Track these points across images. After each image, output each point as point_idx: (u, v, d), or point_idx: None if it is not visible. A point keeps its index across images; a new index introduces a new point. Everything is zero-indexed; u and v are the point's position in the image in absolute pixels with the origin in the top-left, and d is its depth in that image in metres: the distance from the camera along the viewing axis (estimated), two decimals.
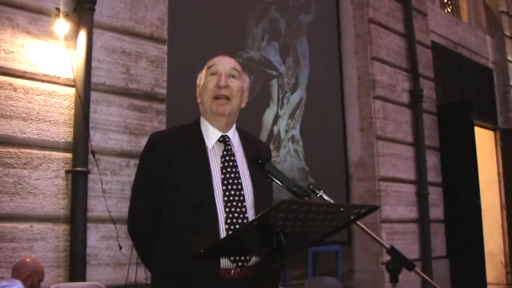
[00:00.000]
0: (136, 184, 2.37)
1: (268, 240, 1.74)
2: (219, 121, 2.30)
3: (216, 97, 2.27)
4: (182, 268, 2.09)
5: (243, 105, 2.40)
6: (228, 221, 2.14)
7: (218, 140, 2.29)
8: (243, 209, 2.18)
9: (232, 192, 2.19)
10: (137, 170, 2.41)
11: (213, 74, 2.31)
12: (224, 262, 2.12)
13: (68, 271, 4.08)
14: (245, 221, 2.16)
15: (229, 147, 2.29)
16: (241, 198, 2.19)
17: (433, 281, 2.37)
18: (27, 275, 3.45)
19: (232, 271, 2.11)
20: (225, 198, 2.17)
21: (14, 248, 3.87)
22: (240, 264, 2.12)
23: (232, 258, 2.11)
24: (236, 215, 2.15)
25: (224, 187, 2.19)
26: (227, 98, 2.27)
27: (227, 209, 2.16)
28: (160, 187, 2.23)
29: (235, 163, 2.26)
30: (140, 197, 2.34)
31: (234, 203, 2.17)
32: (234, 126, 2.38)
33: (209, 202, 2.16)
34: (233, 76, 2.32)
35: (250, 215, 2.18)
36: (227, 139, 2.30)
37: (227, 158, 2.26)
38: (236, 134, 2.37)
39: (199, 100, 2.38)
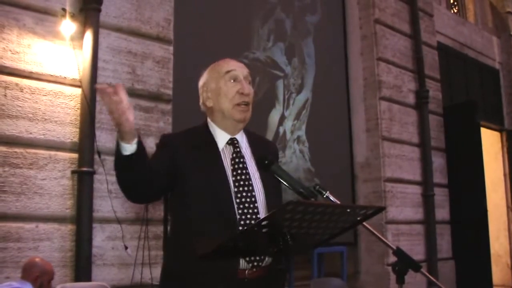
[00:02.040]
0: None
1: (275, 241, 1.74)
2: (235, 126, 2.31)
3: (239, 104, 2.27)
4: (196, 268, 2.07)
5: None
6: (242, 222, 2.14)
7: (227, 143, 2.30)
8: (255, 210, 2.18)
9: (244, 194, 2.19)
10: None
11: (233, 80, 2.30)
12: (240, 262, 2.11)
13: (73, 271, 4.09)
14: None
15: (238, 149, 2.30)
16: (253, 199, 2.19)
17: (438, 283, 2.36)
18: (36, 276, 3.46)
19: (247, 271, 2.11)
20: (237, 200, 2.17)
21: (20, 248, 3.88)
22: (255, 264, 2.12)
23: (247, 259, 2.10)
24: (249, 216, 2.16)
25: (236, 189, 2.19)
26: (247, 104, 2.29)
27: (239, 211, 2.15)
28: (170, 166, 2.18)
29: (245, 165, 2.26)
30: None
31: (247, 205, 2.17)
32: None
33: (226, 204, 2.15)
34: (249, 82, 2.34)
35: (262, 215, 2.18)
36: (235, 142, 2.31)
37: (237, 160, 2.26)
38: (244, 135, 2.37)
39: (210, 104, 2.34)
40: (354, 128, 7.31)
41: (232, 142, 2.30)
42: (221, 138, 2.30)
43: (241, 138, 2.34)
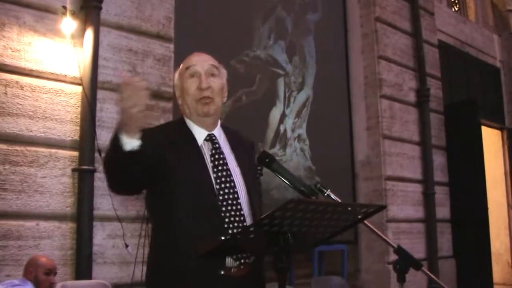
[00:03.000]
0: None
1: (275, 239, 1.73)
2: (205, 121, 2.29)
3: (200, 99, 2.25)
4: (184, 267, 2.05)
5: (225, 100, 2.39)
6: (226, 219, 2.12)
7: (205, 139, 2.28)
8: (238, 207, 2.16)
9: (226, 190, 2.17)
10: None
11: (192, 76, 2.29)
12: (228, 260, 2.09)
13: (74, 269, 4.09)
14: (242, 218, 2.15)
15: (217, 145, 2.27)
16: (235, 195, 2.18)
17: (439, 281, 2.36)
18: (29, 271, 3.52)
19: (232, 269, 2.09)
20: (220, 197, 2.15)
21: (21, 246, 3.87)
22: (243, 261, 2.11)
23: (235, 256, 2.09)
24: (233, 213, 2.14)
25: (217, 186, 2.17)
26: (209, 98, 2.25)
27: (223, 208, 2.14)
28: (151, 161, 2.07)
29: (225, 161, 2.24)
30: None
31: (230, 201, 2.15)
32: (219, 123, 2.36)
33: (210, 202, 2.13)
34: (212, 75, 2.30)
35: (245, 212, 2.17)
36: (214, 138, 2.29)
37: (216, 156, 2.24)
38: (221, 131, 2.36)
39: (180, 102, 2.36)
40: (355, 126, 7.31)
41: (210, 138, 2.28)
42: (199, 134, 2.28)
43: (219, 134, 2.32)
